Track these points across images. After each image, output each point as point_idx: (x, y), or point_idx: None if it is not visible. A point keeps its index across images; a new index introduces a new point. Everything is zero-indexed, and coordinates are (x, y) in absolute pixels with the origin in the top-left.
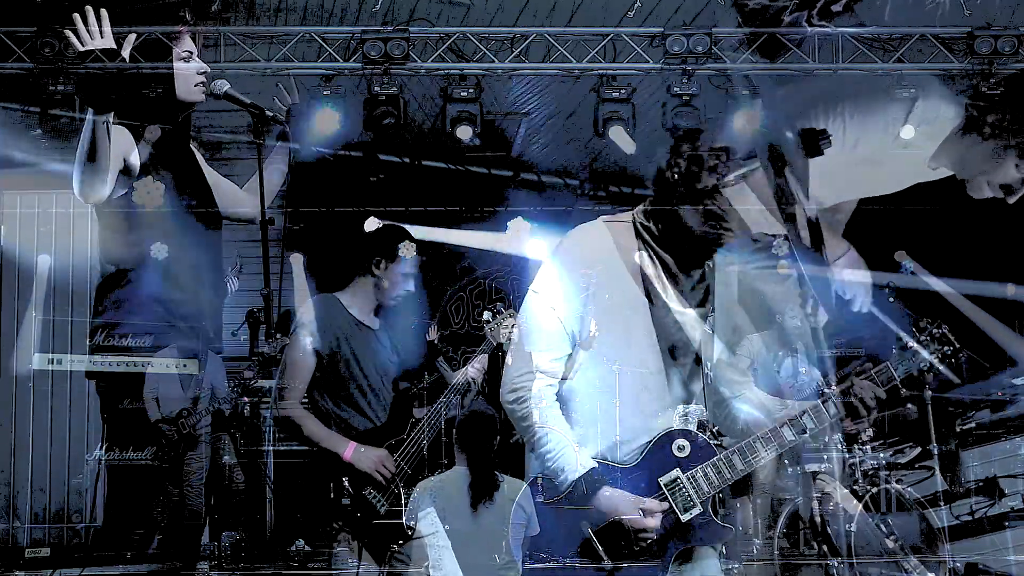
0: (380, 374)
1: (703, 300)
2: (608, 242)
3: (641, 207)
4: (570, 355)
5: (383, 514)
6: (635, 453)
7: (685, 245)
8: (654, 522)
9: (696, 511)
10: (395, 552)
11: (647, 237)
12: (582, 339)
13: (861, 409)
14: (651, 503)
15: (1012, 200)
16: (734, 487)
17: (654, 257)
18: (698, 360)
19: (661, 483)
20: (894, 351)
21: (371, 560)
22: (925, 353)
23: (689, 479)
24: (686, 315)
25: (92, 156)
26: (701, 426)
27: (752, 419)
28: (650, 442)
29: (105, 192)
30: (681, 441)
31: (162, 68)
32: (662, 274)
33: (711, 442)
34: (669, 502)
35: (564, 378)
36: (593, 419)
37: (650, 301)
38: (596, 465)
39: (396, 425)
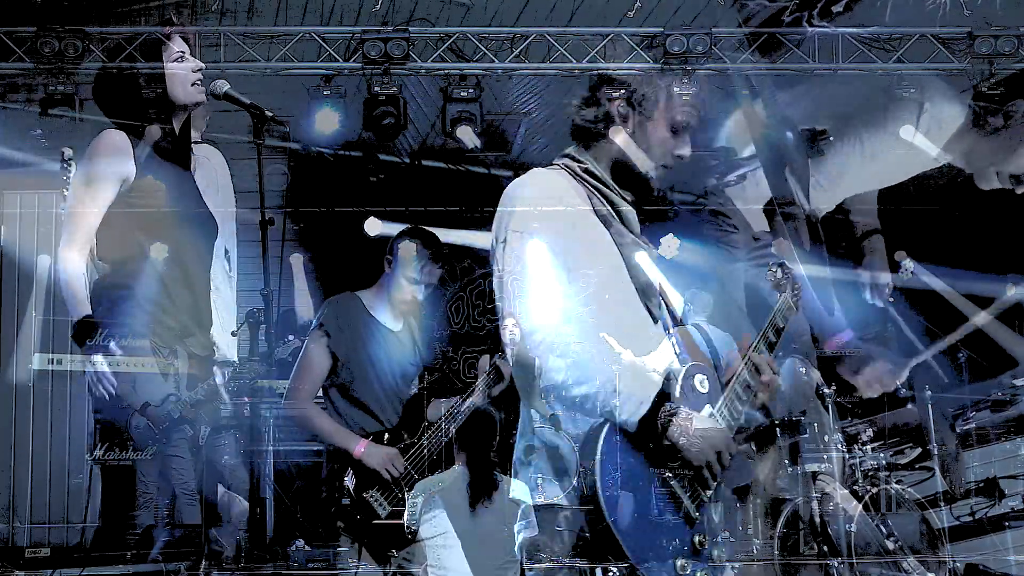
0: (396, 376)
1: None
2: (571, 187)
3: (572, 152)
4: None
5: (384, 517)
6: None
7: (633, 184)
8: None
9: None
10: (401, 554)
11: (595, 182)
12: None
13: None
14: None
15: (1021, 191)
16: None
17: (603, 201)
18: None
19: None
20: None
21: (372, 561)
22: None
23: (722, 410)
24: (643, 255)
25: None
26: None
27: None
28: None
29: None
30: (699, 377)
31: (159, 68)
32: (614, 217)
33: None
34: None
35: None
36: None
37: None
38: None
39: (408, 428)
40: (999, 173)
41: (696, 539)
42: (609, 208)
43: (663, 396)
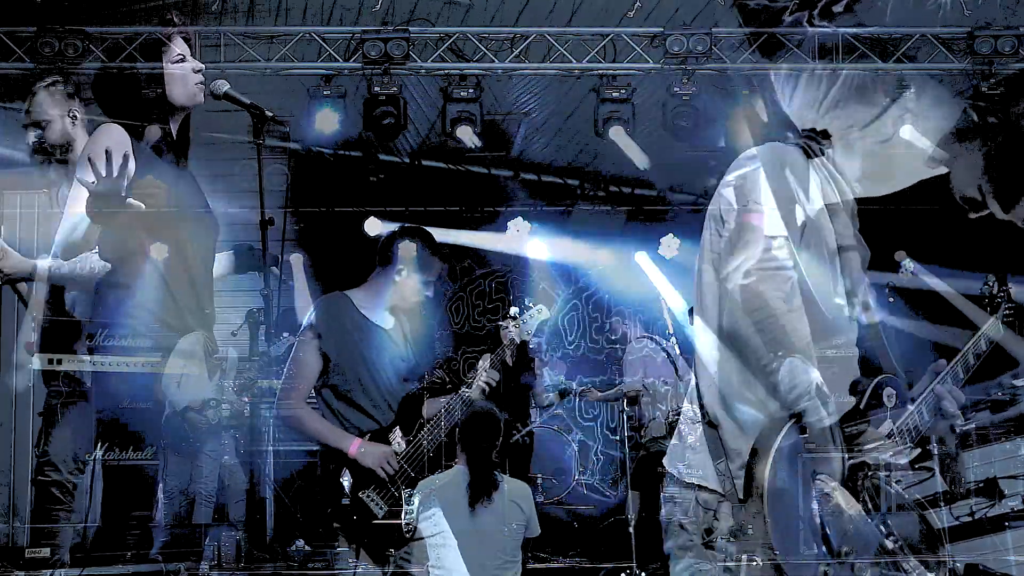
0: (390, 374)
1: None
2: (806, 169)
3: (812, 133)
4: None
5: (380, 516)
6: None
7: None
8: None
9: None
10: (399, 553)
11: (830, 168)
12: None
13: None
14: None
15: (973, 216)
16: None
17: (834, 189)
18: None
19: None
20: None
21: (370, 561)
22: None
23: (904, 428)
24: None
25: None
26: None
27: None
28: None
29: None
30: (888, 390)
31: (159, 68)
32: (840, 207)
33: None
34: None
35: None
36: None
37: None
38: None
39: (403, 426)
40: (963, 194)
41: None
42: (839, 197)
43: (861, 405)
